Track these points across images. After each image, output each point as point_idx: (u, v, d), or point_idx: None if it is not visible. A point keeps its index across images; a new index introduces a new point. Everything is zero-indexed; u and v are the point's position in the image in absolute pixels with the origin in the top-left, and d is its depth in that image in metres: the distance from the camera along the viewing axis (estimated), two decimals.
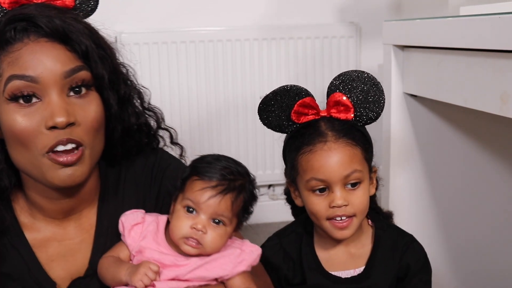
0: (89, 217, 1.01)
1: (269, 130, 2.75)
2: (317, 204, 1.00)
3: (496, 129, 1.51)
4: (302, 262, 1.07)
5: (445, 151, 1.49)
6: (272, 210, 2.50)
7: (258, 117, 1.06)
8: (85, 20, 0.97)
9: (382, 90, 1.02)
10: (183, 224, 0.92)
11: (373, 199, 1.12)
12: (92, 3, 0.98)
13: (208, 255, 0.93)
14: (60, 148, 0.87)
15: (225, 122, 2.39)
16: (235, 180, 0.95)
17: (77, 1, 0.96)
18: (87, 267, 0.98)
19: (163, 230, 0.97)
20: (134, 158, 1.04)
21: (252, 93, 2.38)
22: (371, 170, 1.04)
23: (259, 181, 2.83)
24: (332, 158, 0.98)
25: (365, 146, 1.02)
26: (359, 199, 0.99)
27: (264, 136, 2.43)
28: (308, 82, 2.41)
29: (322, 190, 0.99)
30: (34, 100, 0.87)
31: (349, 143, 0.99)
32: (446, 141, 1.48)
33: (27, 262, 0.96)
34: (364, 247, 1.07)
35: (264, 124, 1.07)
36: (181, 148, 1.13)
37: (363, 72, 1.02)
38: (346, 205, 0.98)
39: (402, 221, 1.24)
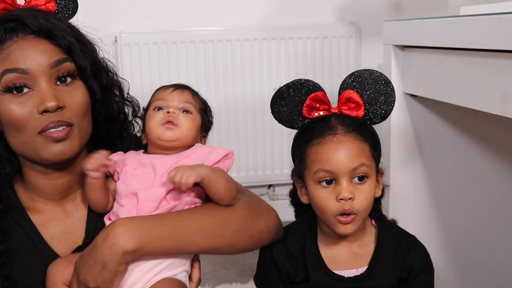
0: (83, 196, 1.09)
1: (269, 131, 2.73)
2: (324, 197, 1.00)
3: (496, 129, 1.51)
4: (306, 260, 1.07)
5: (445, 151, 1.49)
6: None
7: (270, 111, 1.07)
8: (70, 20, 1.10)
9: (393, 89, 1.03)
10: (157, 116, 1.03)
11: (377, 206, 1.13)
12: (72, 6, 1.12)
13: (183, 147, 1.02)
14: (53, 130, 0.98)
15: (225, 122, 2.39)
16: (188, 87, 1.09)
17: (59, 7, 1.10)
18: (84, 236, 1.06)
19: (141, 151, 1.07)
20: (115, 143, 1.15)
21: (252, 93, 2.39)
22: (378, 170, 1.05)
23: (259, 181, 2.84)
24: (341, 150, 0.99)
25: (374, 144, 1.02)
26: (364, 195, 1.00)
27: (264, 136, 2.43)
28: None
29: (329, 182, 1.00)
30: (25, 90, 0.98)
31: (358, 137, 1.00)
32: (446, 141, 1.48)
33: (32, 238, 1.04)
34: (367, 246, 1.07)
35: (276, 118, 1.08)
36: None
37: (375, 71, 1.03)
38: (352, 199, 0.99)
39: (401, 220, 1.24)
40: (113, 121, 1.13)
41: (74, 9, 1.13)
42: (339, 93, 1.04)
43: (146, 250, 0.91)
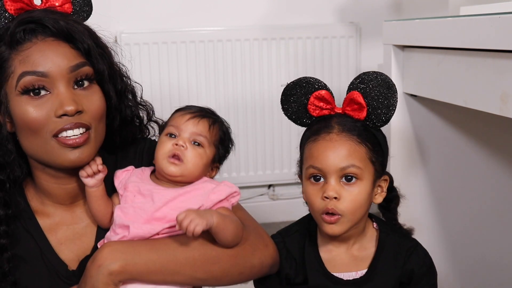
0: None
1: (269, 131, 2.73)
2: (312, 194, 1.01)
3: (496, 129, 1.51)
4: (305, 262, 1.07)
5: (445, 151, 1.49)
6: (272, 210, 2.50)
7: (281, 107, 1.10)
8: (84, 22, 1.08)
9: (395, 93, 1.01)
10: (166, 145, 1.01)
11: (392, 215, 1.13)
12: (86, 9, 1.10)
13: (188, 182, 1.00)
14: (70, 133, 0.97)
15: None
16: (211, 113, 1.06)
17: (74, 8, 1.08)
18: (93, 245, 1.05)
19: (148, 171, 1.05)
20: (128, 147, 1.15)
21: (252, 93, 2.39)
22: (379, 176, 1.03)
23: (259, 181, 2.84)
24: (332, 149, 1.00)
25: (373, 147, 1.01)
26: (351, 196, 0.99)
27: (264, 136, 2.43)
28: None
29: (318, 179, 1.01)
30: (43, 92, 0.97)
31: (353, 138, 1.00)
32: (446, 141, 1.48)
33: (40, 245, 1.04)
34: (367, 250, 1.06)
35: (286, 115, 1.10)
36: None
37: (381, 74, 1.03)
38: (337, 199, 0.98)
39: (401, 220, 1.24)
40: (126, 126, 1.12)
41: (89, 12, 1.11)
42: (346, 94, 1.04)
43: (131, 272, 0.91)
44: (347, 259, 1.06)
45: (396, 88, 1.01)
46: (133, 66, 1.18)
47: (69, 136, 0.96)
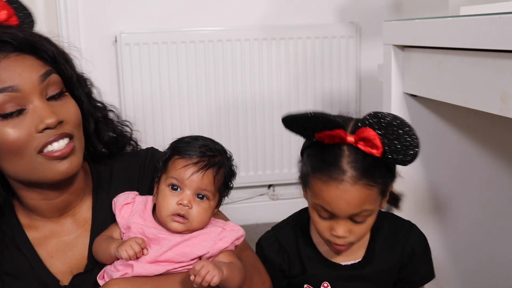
0: (82, 212, 1.07)
1: (269, 131, 2.72)
2: (320, 225, 1.00)
3: (496, 129, 1.51)
4: (300, 253, 1.08)
5: (445, 151, 1.49)
6: (272, 210, 2.50)
7: (283, 125, 0.98)
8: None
9: (415, 143, 0.92)
10: (170, 201, 0.96)
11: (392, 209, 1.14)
12: (30, 19, 1.06)
13: (193, 231, 0.97)
14: (55, 145, 0.94)
15: (225, 122, 2.39)
16: (214, 156, 0.99)
17: (20, 20, 1.04)
18: (87, 262, 1.03)
19: (150, 208, 1.02)
20: (126, 157, 1.12)
21: (252, 93, 2.39)
22: (386, 194, 1.02)
23: (259, 181, 2.84)
24: (344, 199, 0.94)
25: (384, 179, 0.97)
26: (361, 231, 0.99)
27: (264, 136, 2.43)
28: (308, 82, 2.41)
29: (326, 218, 0.99)
30: (21, 112, 0.93)
31: (366, 185, 0.94)
32: (446, 141, 1.48)
33: (30, 261, 1.01)
34: (363, 239, 1.07)
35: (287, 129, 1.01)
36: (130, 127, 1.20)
37: (405, 124, 0.93)
38: (347, 236, 0.98)
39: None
40: (101, 130, 1.09)
41: (32, 24, 1.07)
42: (357, 126, 0.95)
43: None
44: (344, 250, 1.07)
45: (416, 135, 0.92)
46: (133, 66, 1.15)
47: (55, 149, 0.94)
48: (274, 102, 2.40)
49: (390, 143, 0.92)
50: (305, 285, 1.08)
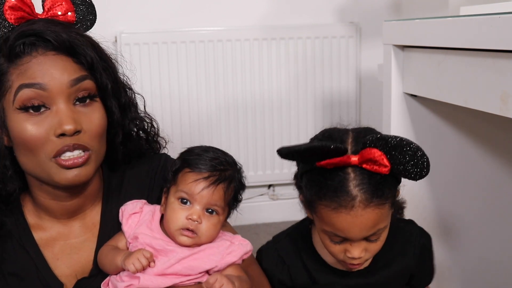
0: (92, 217, 1.06)
1: (269, 130, 2.72)
2: (334, 249, 0.96)
3: (496, 129, 1.50)
4: (307, 265, 1.05)
5: (445, 151, 1.49)
6: (272, 210, 2.50)
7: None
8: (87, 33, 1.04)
9: (425, 163, 0.88)
10: (179, 215, 0.95)
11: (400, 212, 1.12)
12: (90, 17, 1.05)
13: (201, 245, 0.96)
14: (68, 154, 0.93)
15: (225, 122, 2.39)
16: (225, 170, 0.97)
17: (78, 17, 1.02)
18: (92, 267, 1.02)
19: (158, 219, 1.00)
20: (139, 163, 1.10)
21: (252, 93, 2.39)
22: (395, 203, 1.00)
23: (259, 181, 2.84)
24: (357, 225, 0.90)
25: (394, 193, 0.95)
26: (377, 247, 0.96)
27: (264, 136, 2.43)
28: (308, 82, 2.41)
29: (339, 241, 0.95)
30: (42, 109, 0.93)
31: (378, 205, 0.90)
32: (446, 141, 1.48)
33: (35, 262, 1.00)
34: None
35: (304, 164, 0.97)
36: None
37: (409, 142, 0.89)
38: (362, 256, 0.95)
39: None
40: (130, 142, 1.08)
41: (92, 21, 1.06)
42: (361, 147, 0.90)
43: None
44: None
45: (426, 158, 0.88)
46: (133, 66, 1.14)
47: (67, 158, 0.93)
48: (274, 102, 2.40)
49: (399, 162, 0.87)
50: None
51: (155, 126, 1.14)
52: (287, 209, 2.45)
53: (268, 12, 2.40)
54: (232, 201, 0.99)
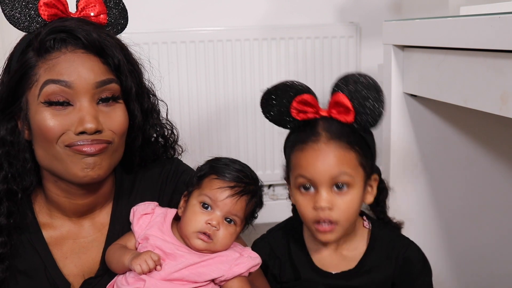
0: (101, 217, 1.07)
1: (269, 130, 2.74)
2: (303, 204, 0.98)
3: (496, 129, 1.51)
4: (293, 259, 1.07)
5: (445, 151, 1.49)
6: (272, 210, 2.50)
7: (261, 110, 1.05)
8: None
9: (383, 97, 0.96)
10: (199, 218, 0.96)
11: (381, 208, 1.11)
12: (122, 21, 1.09)
13: (213, 252, 0.96)
14: (86, 148, 0.93)
15: (225, 122, 2.39)
16: (250, 184, 0.99)
17: (110, 20, 1.04)
18: (99, 267, 1.03)
19: (169, 221, 1.01)
20: (151, 166, 1.11)
21: (252, 93, 2.39)
22: (369, 177, 1.01)
23: None
24: (321, 158, 0.96)
25: (363, 151, 0.98)
26: (345, 204, 0.96)
27: (264, 136, 2.43)
28: (308, 82, 2.38)
29: (307, 188, 0.97)
30: (66, 105, 0.94)
31: (342, 146, 0.96)
32: (446, 141, 1.48)
33: (44, 260, 1.01)
34: (357, 249, 1.06)
35: (267, 117, 1.06)
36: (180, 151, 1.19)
37: (368, 76, 0.98)
38: (330, 209, 0.95)
39: (399, 218, 1.24)
40: (149, 147, 1.08)
41: (123, 25, 1.09)
42: (330, 95, 1.00)
43: None
44: (337, 259, 1.06)
45: (383, 92, 0.96)
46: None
47: (84, 144, 0.93)
48: None
49: (359, 104, 0.95)
50: None
51: (175, 133, 1.15)
52: (287, 209, 2.45)
53: (268, 12, 2.40)
54: (250, 216, 1.01)
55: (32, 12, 0.97)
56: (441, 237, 1.52)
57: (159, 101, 1.12)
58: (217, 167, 0.99)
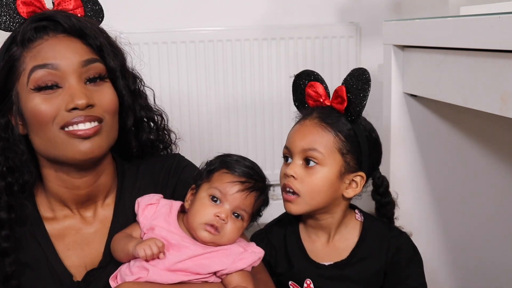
0: (104, 209, 1.08)
1: (269, 131, 2.74)
2: (281, 172, 1.08)
3: (496, 129, 1.51)
4: (288, 249, 1.10)
5: (445, 151, 1.49)
6: (272, 210, 2.50)
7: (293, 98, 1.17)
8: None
9: (369, 87, 1.04)
10: (208, 210, 0.97)
11: (389, 220, 1.14)
12: (99, 18, 1.11)
13: (217, 246, 0.97)
14: (80, 126, 0.95)
15: (225, 122, 2.39)
16: (259, 181, 1.02)
17: (86, 14, 1.07)
18: (101, 259, 1.04)
19: (175, 213, 1.02)
20: (152, 161, 1.12)
21: (252, 93, 2.39)
22: (352, 171, 1.05)
23: None
24: (300, 131, 1.06)
25: (347, 140, 1.04)
26: (309, 178, 1.03)
27: (264, 136, 2.43)
28: None
29: (287, 159, 1.08)
30: (55, 88, 0.96)
31: (322, 125, 1.04)
32: (446, 141, 1.48)
33: (46, 252, 1.02)
34: (349, 240, 1.09)
35: (295, 102, 1.17)
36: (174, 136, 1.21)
37: (361, 69, 1.07)
38: (294, 178, 1.03)
39: (401, 219, 1.24)
40: (142, 130, 1.10)
41: (101, 17, 1.12)
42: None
43: None
44: (330, 250, 1.09)
45: (370, 82, 1.05)
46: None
47: (80, 129, 0.95)
48: (274, 102, 2.39)
49: (353, 94, 1.05)
50: (290, 282, 1.10)
51: (165, 118, 1.16)
52: None
53: (268, 12, 2.40)
54: (256, 213, 1.03)
55: (11, 11, 1.00)
56: (441, 236, 1.52)
57: (145, 87, 1.14)
58: (229, 162, 1.01)
